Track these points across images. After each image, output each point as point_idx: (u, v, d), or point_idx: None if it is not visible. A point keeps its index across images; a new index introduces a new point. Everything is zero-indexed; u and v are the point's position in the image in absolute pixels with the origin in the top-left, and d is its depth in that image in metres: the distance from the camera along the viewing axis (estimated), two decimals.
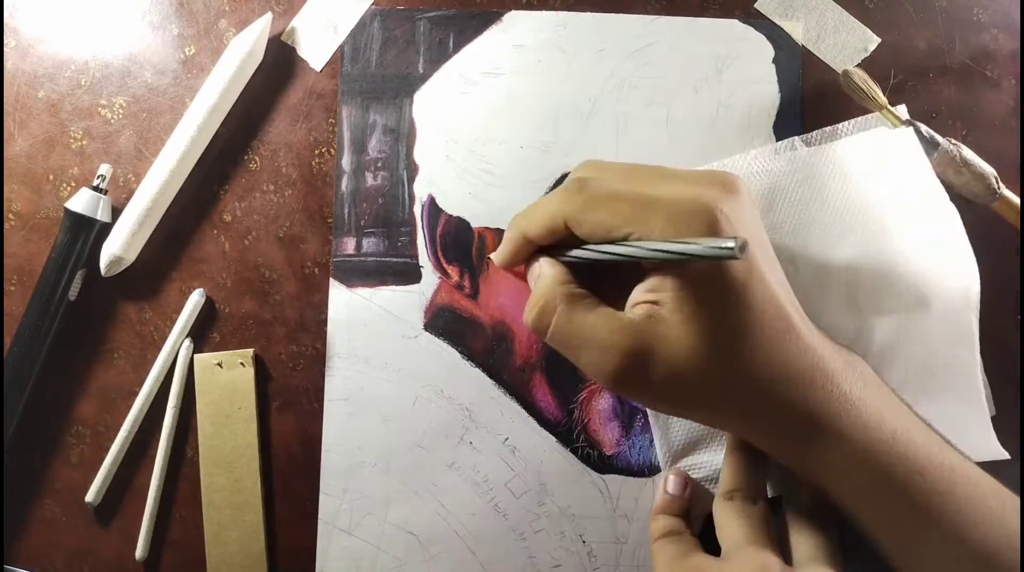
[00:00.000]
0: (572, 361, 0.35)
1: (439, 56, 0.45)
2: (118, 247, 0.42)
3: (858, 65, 0.44)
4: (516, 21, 0.45)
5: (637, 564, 0.42)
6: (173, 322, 0.43)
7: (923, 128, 0.41)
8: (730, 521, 0.36)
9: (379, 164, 0.44)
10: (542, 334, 0.36)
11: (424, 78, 0.45)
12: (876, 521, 0.34)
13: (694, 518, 0.41)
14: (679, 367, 0.32)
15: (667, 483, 0.41)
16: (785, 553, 0.36)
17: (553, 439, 0.43)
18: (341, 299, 0.44)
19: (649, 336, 0.32)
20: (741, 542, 0.35)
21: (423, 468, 0.43)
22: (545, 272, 0.36)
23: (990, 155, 0.43)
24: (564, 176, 0.44)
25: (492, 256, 0.40)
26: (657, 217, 0.32)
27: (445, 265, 0.44)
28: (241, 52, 0.43)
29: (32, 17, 0.45)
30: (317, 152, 0.44)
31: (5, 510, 0.43)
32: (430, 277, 0.44)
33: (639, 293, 0.34)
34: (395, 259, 0.44)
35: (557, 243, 0.37)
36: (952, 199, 0.41)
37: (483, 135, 0.44)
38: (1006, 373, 0.43)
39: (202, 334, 0.44)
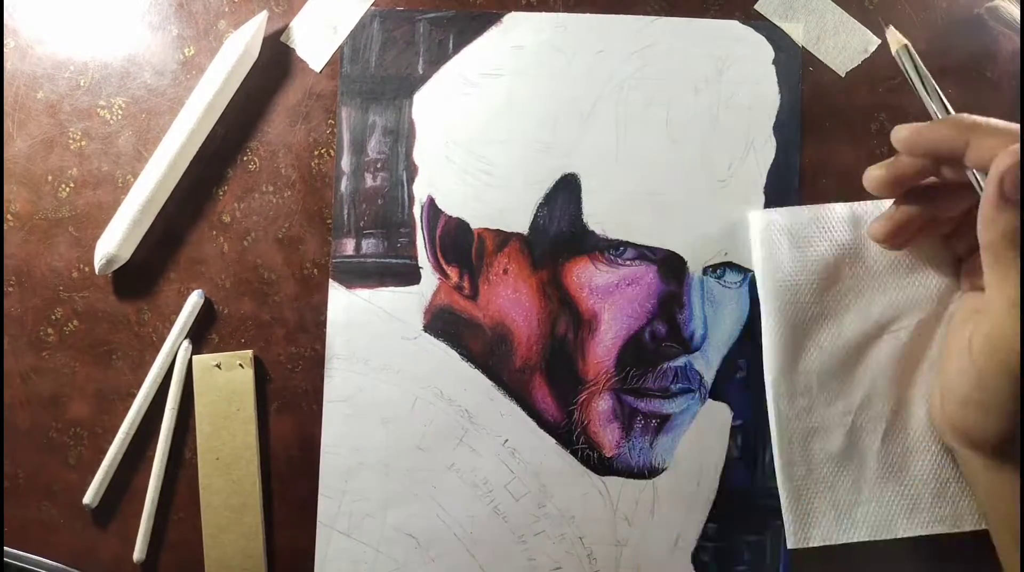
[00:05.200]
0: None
1: (439, 57, 0.45)
2: (113, 245, 0.42)
3: (858, 66, 0.44)
4: (516, 22, 0.45)
5: (637, 566, 0.42)
6: (172, 323, 0.43)
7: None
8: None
9: (379, 165, 0.44)
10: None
11: (424, 79, 0.45)
12: None
13: None
14: None
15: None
16: None
17: (553, 441, 0.43)
18: (340, 300, 0.44)
19: None
20: None
21: (422, 470, 0.43)
22: None
23: None
24: (565, 177, 0.44)
25: (901, 129, 0.36)
26: None
27: (445, 266, 0.44)
28: (236, 50, 0.43)
29: (31, 18, 0.45)
30: (316, 153, 0.44)
31: (4, 512, 0.43)
32: (429, 278, 0.44)
33: None
34: (394, 260, 0.44)
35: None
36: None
37: (483, 136, 0.44)
38: None
39: (201, 335, 0.44)
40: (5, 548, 0.43)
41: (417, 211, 0.44)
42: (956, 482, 0.40)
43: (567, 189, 0.44)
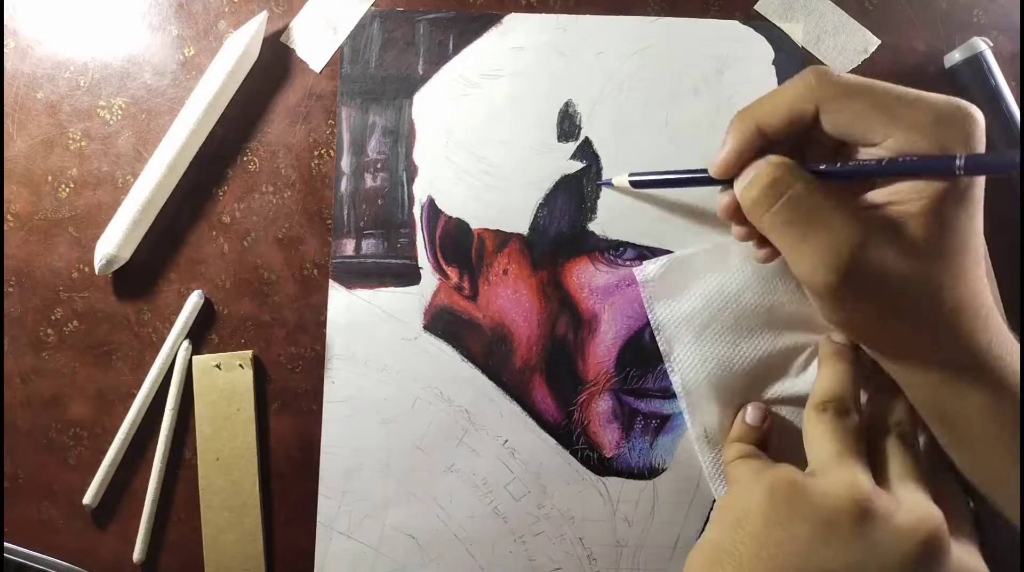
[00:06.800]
0: (789, 243, 0.33)
1: (439, 58, 0.45)
2: (112, 246, 0.42)
3: (857, 67, 0.44)
4: (516, 23, 0.45)
5: (637, 567, 0.42)
6: (172, 324, 0.43)
7: None
8: (822, 434, 0.35)
9: (379, 165, 0.44)
10: (764, 208, 0.33)
11: (424, 79, 0.45)
12: (1000, 465, 0.34)
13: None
14: (907, 270, 0.32)
15: (746, 413, 0.40)
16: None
17: (553, 441, 0.43)
18: (340, 301, 0.44)
19: (888, 233, 0.32)
20: (831, 456, 0.34)
21: (422, 470, 0.43)
22: (775, 159, 0.34)
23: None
24: (564, 178, 0.44)
25: (712, 163, 0.36)
26: (918, 113, 0.31)
27: (444, 266, 0.44)
28: (236, 50, 0.43)
29: (31, 18, 0.45)
30: (316, 153, 0.44)
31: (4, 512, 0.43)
32: (429, 278, 0.44)
33: (880, 195, 0.33)
34: (394, 260, 0.44)
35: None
36: None
37: (483, 137, 0.44)
38: None
39: (201, 336, 0.44)
40: (6, 544, 0.43)
41: (417, 211, 0.44)
42: None
43: (567, 189, 0.44)
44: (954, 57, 0.43)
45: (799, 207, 0.33)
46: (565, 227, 0.44)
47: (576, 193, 0.44)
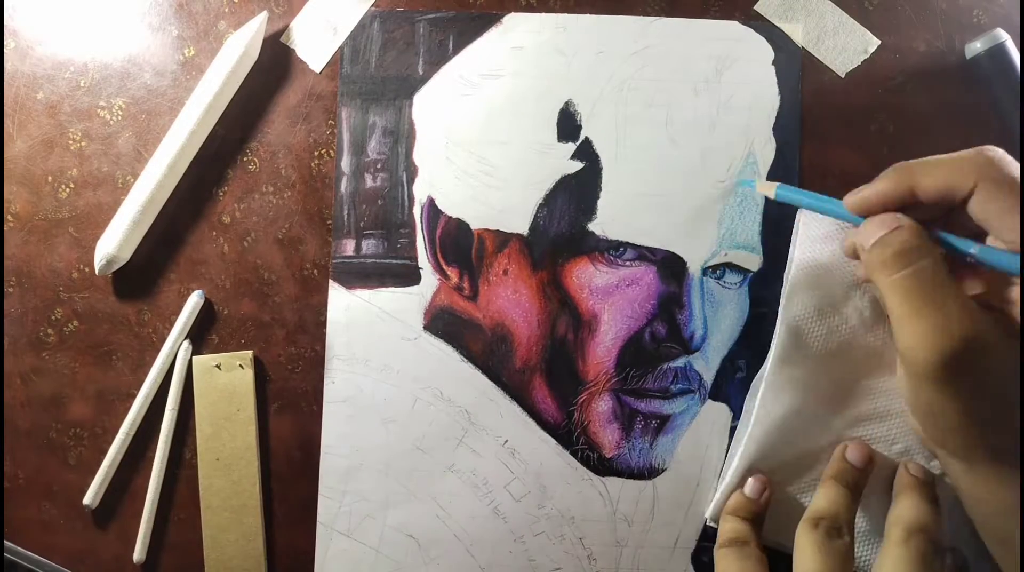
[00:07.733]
0: (903, 313, 0.32)
1: (439, 58, 0.45)
2: (113, 246, 0.42)
3: (857, 67, 0.44)
4: (516, 23, 0.45)
5: (637, 567, 0.42)
6: (172, 324, 0.43)
7: None
8: (809, 550, 0.35)
9: (379, 166, 0.44)
10: (889, 272, 0.33)
11: (424, 80, 0.45)
12: None
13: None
14: (1010, 378, 0.31)
15: (746, 485, 0.40)
16: None
17: (553, 441, 0.43)
18: (340, 301, 0.44)
19: (999, 331, 0.31)
20: None
21: (422, 470, 0.43)
22: (910, 224, 0.33)
23: None
24: (564, 178, 0.44)
25: (852, 197, 0.35)
26: None
27: (444, 267, 0.44)
28: (236, 51, 0.43)
29: (32, 19, 0.45)
30: (316, 154, 0.44)
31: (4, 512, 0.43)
32: (429, 279, 0.44)
33: (1012, 293, 0.33)
34: (394, 261, 0.44)
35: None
36: None
37: (483, 137, 0.44)
38: None
39: (201, 336, 0.44)
40: (6, 543, 0.43)
41: (417, 212, 0.44)
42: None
43: (567, 189, 0.44)
44: (975, 47, 0.43)
45: (923, 282, 0.32)
46: (565, 227, 0.44)
47: (576, 193, 0.44)
